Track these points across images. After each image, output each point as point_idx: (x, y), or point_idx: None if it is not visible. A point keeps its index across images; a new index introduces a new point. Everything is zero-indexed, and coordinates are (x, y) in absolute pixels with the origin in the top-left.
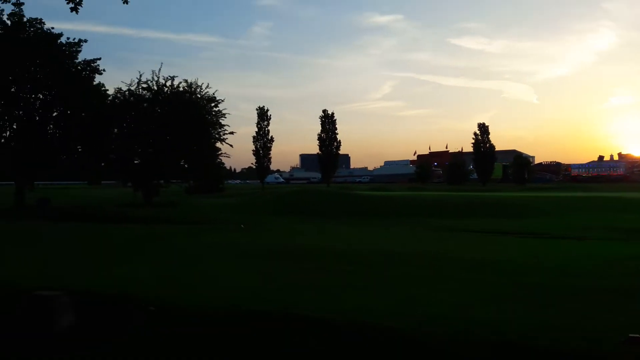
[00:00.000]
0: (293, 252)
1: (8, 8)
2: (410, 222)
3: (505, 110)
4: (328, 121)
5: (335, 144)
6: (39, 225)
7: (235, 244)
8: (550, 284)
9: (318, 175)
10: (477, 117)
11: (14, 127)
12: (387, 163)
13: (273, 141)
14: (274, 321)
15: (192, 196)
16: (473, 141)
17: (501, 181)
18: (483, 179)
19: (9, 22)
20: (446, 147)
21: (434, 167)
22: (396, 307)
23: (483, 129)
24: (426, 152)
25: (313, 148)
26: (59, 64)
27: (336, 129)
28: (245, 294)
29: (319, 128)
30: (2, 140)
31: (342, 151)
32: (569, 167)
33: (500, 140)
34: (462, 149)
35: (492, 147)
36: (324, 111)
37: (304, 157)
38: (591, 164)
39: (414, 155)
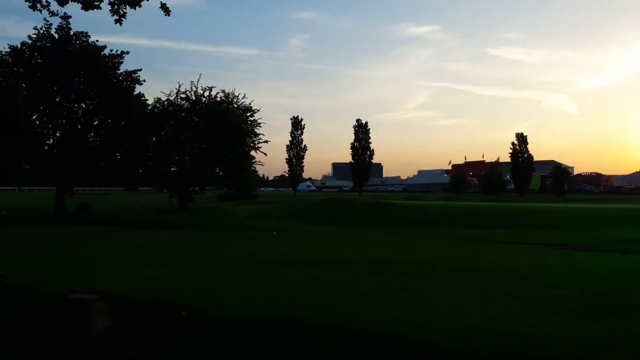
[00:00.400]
0: (327, 261)
1: (56, 21)
2: (445, 232)
3: (544, 120)
4: (361, 130)
5: (368, 152)
6: (78, 229)
7: (268, 251)
8: (596, 298)
9: (350, 183)
10: (514, 127)
11: (57, 134)
12: (420, 172)
13: (306, 150)
14: (309, 331)
15: (225, 203)
16: (510, 151)
17: (539, 192)
18: (520, 189)
19: (56, 35)
20: (482, 157)
21: (469, 176)
22: (436, 320)
23: (521, 138)
24: (461, 161)
25: (345, 157)
26: (102, 74)
27: (369, 138)
28: (280, 302)
29: (352, 137)
30: (46, 148)
31: (374, 160)
32: (610, 178)
33: (539, 151)
34: (498, 159)
35: (531, 157)
36: (358, 120)
37: (336, 166)
38: (634, 176)
39: (449, 164)
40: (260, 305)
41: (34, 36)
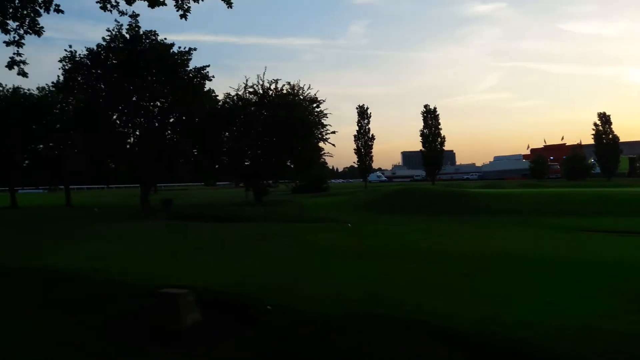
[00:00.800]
0: (405, 252)
1: (125, 21)
2: (530, 221)
3: (626, 97)
4: (430, 116)
5: (439, 139)
6: (163, 224)
7: (345, 244)
8: None
9: (422, 172)
10: (593, 106)
11: (137, 133)
12: (496, 158)
13: (374, 139)
14: (397, 328)
15: (298, 195)
16: (593, 132)
17: (628, 175)
18: (608, 173)
19: (127, 35)
20: (562, 140)
21: (550, 161)
22: (528, 316)
23: (604, 118)
24: (540, 145)
25: (415, 145)
26: (173, 72)
27: (439, 124)
28: (363, 296)
29: (420, 124)
30: (127, 146)
31: (446, 147)
32: None
33: (625, 131)
34: (580, 142)
35: (616, 138)
36: (426, 106)
37: (406, 155)
38: None
39: (527, 149)
40: (343, 299)
41: (108, 38)
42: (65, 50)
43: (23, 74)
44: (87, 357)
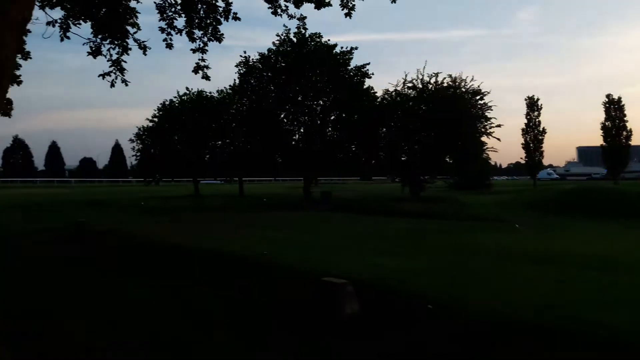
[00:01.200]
0: (584, 259)
1: (293, 25)
2: None
3: None
4: (613, 107)
5: (624, 133)
6: (323, 215)
7: (512, 246)
8: None
9: (601, 170)
10: None
11: (301, 131)
12: None
13: (545, 133)
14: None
15: (457, 192)
16: None
17: None
18: None
19: (294, 39)
20: None
21: None
22: None
23: None
24: None
25: (592, 139)
26: (335, 71)
27: (624, 115)
28: (535, 302)
29: (601, 116)
30: (292, 143)
31: (633, 142)
32: None
33: None
34: None
35: None
36: (608, 96)
37: (582, 150)
38: None
39: None
40: (511, 305)
41: (277, 42)
42: (240, 55)
43: (206, 77)
44: (251, 338)
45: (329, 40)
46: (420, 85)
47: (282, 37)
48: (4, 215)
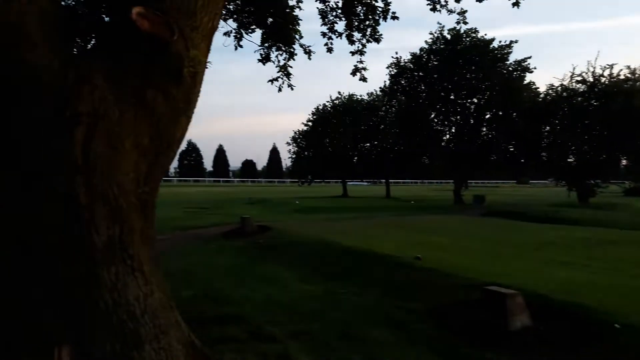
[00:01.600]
0: None
1: (451, 20)
2: None
3: None
4: None
5: None
6: (476, 220)
7: None
8: None
9: None
10: None
11: (452, 131)
12: None
13: None
14: None
15: (635, 199)
16: None
17: None
18: None
19: (448, 36)
20: None
21: None
22: None
23: None
24: None
25: None
26: (492, 67)
27: None
28: None
29: None
30: (442, 143)
31: None
32: None
33: None
34: None
35: None
36: None
37: None
38: None
39: None
40: None
41: (430, 41)
42: (392, 57)
43: (363, 79)
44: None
45: (485, 34)
46: (591, 79)
47: (436, 34)
48: (183, 213)
